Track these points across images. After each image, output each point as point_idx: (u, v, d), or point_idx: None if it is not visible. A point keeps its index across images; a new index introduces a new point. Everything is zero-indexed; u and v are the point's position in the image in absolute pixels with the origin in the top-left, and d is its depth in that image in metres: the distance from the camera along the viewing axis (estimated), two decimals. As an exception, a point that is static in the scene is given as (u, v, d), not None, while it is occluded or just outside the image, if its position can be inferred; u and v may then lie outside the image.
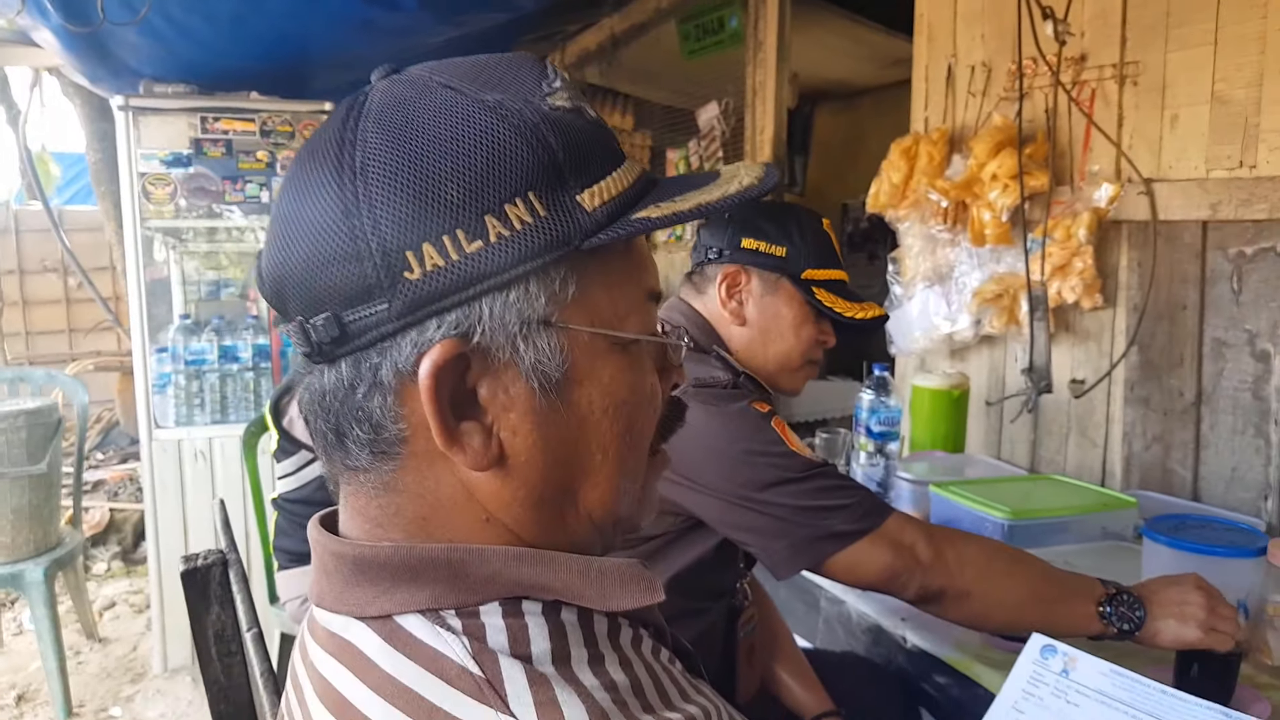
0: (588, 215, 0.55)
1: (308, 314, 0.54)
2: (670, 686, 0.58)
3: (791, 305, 1.46)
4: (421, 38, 3.23)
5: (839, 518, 1.26)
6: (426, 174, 0.52)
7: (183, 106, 3.24)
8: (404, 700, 0.51)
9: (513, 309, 0.54)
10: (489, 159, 0.53)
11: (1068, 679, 0.97)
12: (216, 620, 1.12)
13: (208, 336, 3.30)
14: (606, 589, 0.58)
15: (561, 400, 0.56)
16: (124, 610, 4.04)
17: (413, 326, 0.53)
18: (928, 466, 2.13)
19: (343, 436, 0.57)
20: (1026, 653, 1.01)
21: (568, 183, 0.55)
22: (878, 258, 4.73)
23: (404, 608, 0.55)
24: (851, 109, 5.21)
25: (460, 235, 0.52)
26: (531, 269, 0.54)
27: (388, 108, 0.55)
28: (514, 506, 0.57)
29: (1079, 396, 2.19)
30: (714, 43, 3.63)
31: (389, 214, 0.52)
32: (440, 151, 0.53)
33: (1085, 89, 2.12)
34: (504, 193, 0.53)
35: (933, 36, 2.57)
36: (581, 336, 0.57)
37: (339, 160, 0.53)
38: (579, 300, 0.56)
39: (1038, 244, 2.14)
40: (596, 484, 0.60)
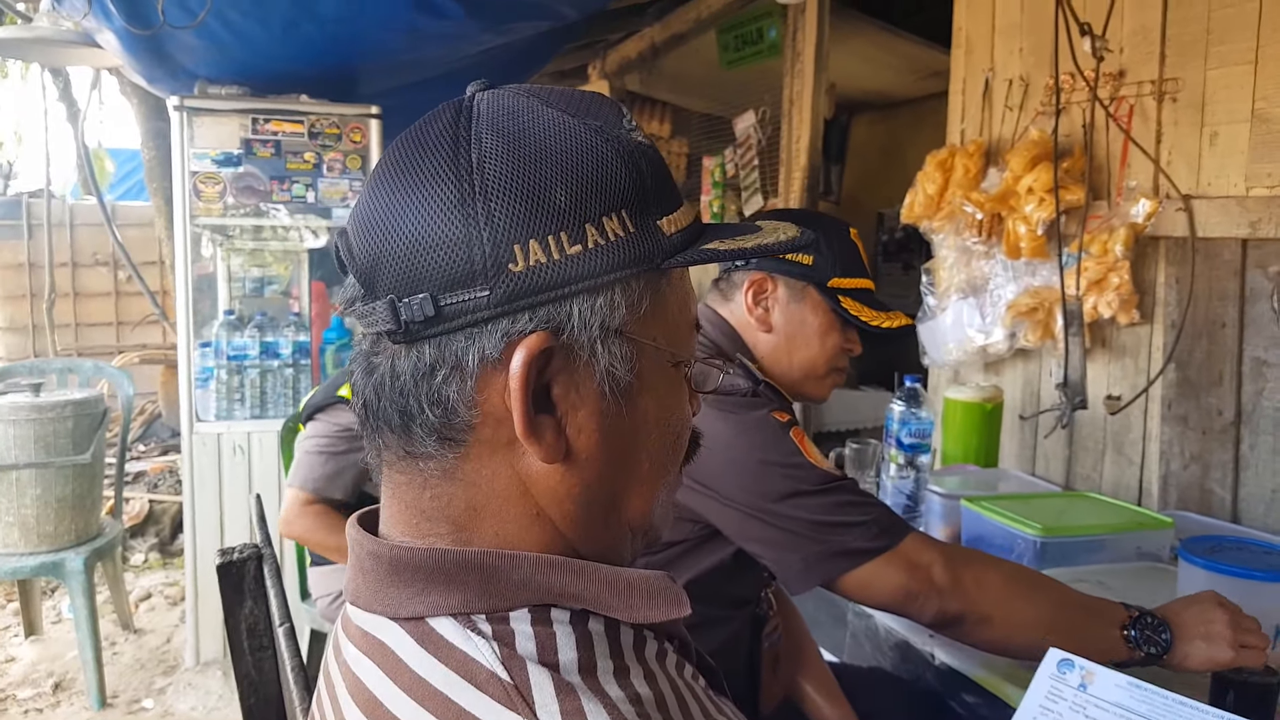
0: (667, 239, 0.60)
1: (402, 293, 0.56)
2: (693, 703, 0.59)
3: (817, 313, 1.46)
4: (466, 45, 3.28)
5: (854, 534, 1.25)
6: (539, 177, 0.56)
7: (235, 108, 3.32)
8: (433, 702, 0.53)
9: (598, 314, 0.57)
10: (594, 173, 0.57)
11: (1086, 693, 0.96)
12: (250, 614, 1.14)
13: (250, 333, 3.37)
14: (633, 601, 0.60)
15: (626, 406, 0.60)
16: (159, 602, 4.12)
17: (506, 316, 0.56)
18: (959, 480, 2.12)
19: (409, 421, 0.59)
20: (1044, 667, 1.00)
21: (651, 208, 0.60)
22: (912, 268, 4.70)
23: (436, 610, 0.56)
24: (888, 120, 5.19)
25: (563, 237, 0.56)
26: (618, 278, 0.58)
27: (499, 115, 0.59)
28: (566, 503, 0.60)
29: (1115, 413, 2.17)
30: (753, 53, 3.65)
31: (503, 207, 0.55)
32: (552, 160, 0.57)
33: (1123, 104, 2.11)
34: (604, 206, 0.57)
35: (971, 49, 2.57)
36: (648, 350, 0.61)
37: (454, 155, 0.57)
38: (649, 316, 0.60)
39: (1073, 258, 2.12)
40: (641, 492, 0.64)
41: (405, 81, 3.62)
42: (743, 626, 1.48)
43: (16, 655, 3.58)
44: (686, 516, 1.34)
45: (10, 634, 3.78)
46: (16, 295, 7.08)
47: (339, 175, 3.44)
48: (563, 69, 4.78)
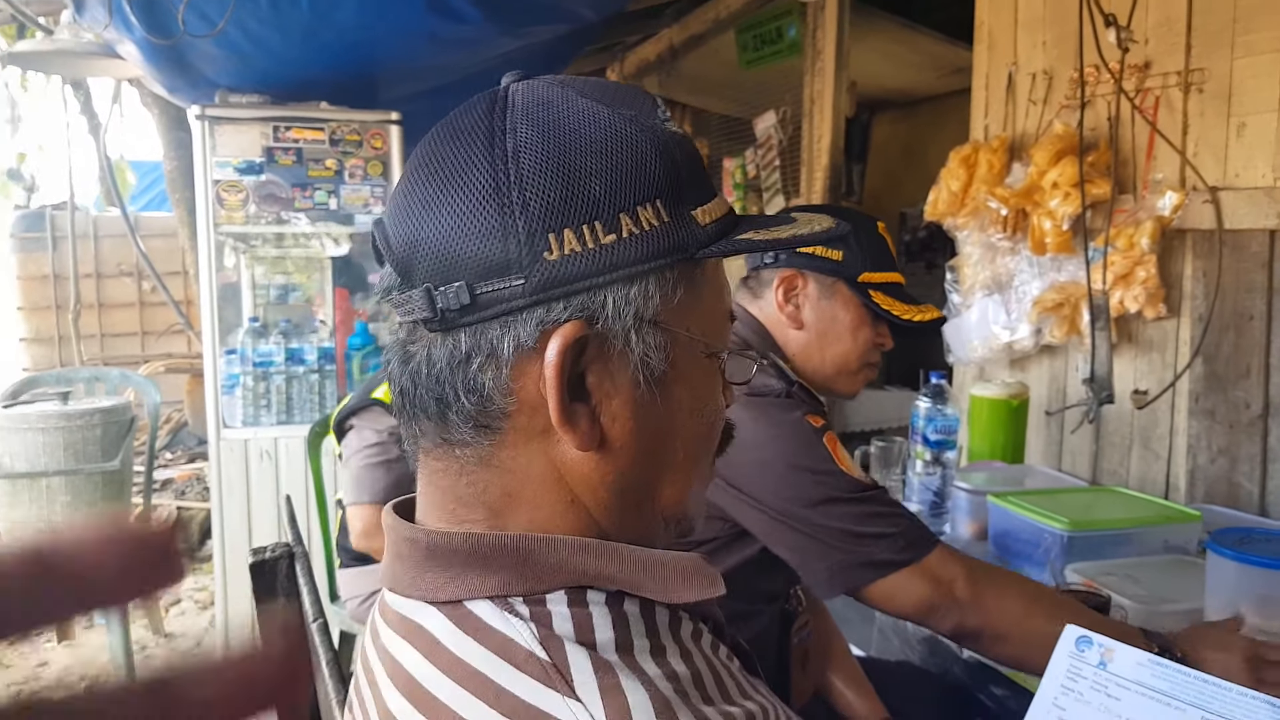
0: (701, 229, 0.60)
1: (438, 282, 0.57)
2: (729, 681, 0.59)
3: (848, 308, 1.46)
4: (485, 49, 3.29)
5: (881, 546, 1.25)
6: (574, 167, 0.57)
7: (256, 116, 3.35)
8: (473, 683, 0.53)
9: (632, 303, 0.58)
10: (629, 164, 0.58)
11: (1106, 671, 0.95)
12: (282, 612, 1.16)
13: (275, 339, 3.39)
14: (669, 581, 0.60)
15: (659, 395, 0.60)
16: (189, 606, 4.15)
17: (541, 305, 0.56)
18: (986, 477, 2.11)
19: (446, 408, 0.59)
20: (1062, 645, 0.99)
21: (685, 198, 0.60)
22: (936, 266, 4.68)
23: (474, 593, 0.57)
24: (910, 117, 5.17)
25: (598, 226, 0.56)
26: (653, 268, 0.58)
27: (534, 106, 0.59)
28: (600, 490, 0.60)
29: (1142, 408, 2.15)
30: (772, 52, 3.65)
31: (538, 196, 0.56)
32: (588, 150, 0.57)
33: (1149, 96, 2.10)
34: (639, 195, 0.57)
35: (993, 44, 2.56)
36: (682, 339, 0.61)
37: (489, 145, 0.57)
38: (683, 306, 0.60)
39: (1099, 253, 2.11)
40: (674, 480, 0.64)
41: (425, 87, 3.65)
42: (771, 622, 1.48)
43: (49, 660, 3.63)
44: (716, 515, 1.34)
45: (43, 639, 3.82)
46: (42, 306, 7.16)
47: (360, 182, 3.46)
48: (581, 72, 4.79)
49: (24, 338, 7.31)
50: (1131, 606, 1.44)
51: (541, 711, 0.51)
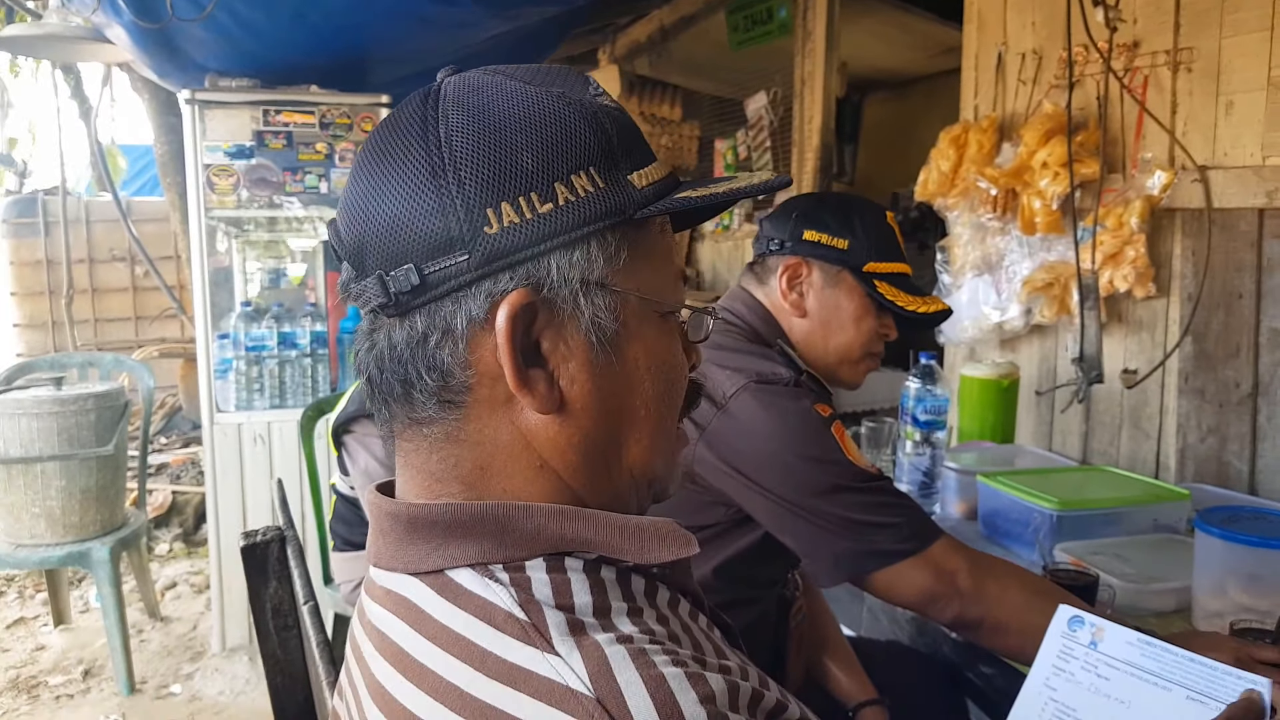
0: (638, 191, 0.62)
1: (388, 267, 0.60)
2: (706, 644, 0.60)
3: (853, 298, 1.46)
4: (475, 32, 3.27)
5: (886, 535, 1.26)
6: (505, 144, 0.59)
7: (246, 100, 3.33)
8: (457, 647, 0.55)
9: (576, 267, 0.60)
10: (558, 135, 0.60)
11: (1096, 651, 0.96)
12: (274, 595, 1.16)
13: (267, 324, 3.39)
14: (644, 543, 0.62)
15: (614, 355, 0.62)
16: (185, 590, 4.16)
17: (488, 277, 0.59)
18: (975, 457, 2.12)
19: (410, 388, 0.61)
20: (1055, 625, 1.00)
21: (620, 164, 0.62)
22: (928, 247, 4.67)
23: (455, 562, 0.59)
24: (901, 98, 5.16)
25: (534, 197, 0.59)
26: (593, 231, 0.60)
27: (464, 93, 0.62)
28: (567, 453, 0.62)
29: (1131, 387, 2.16)
30: (762, 33, 3.64)
31: (472, 175, 0.58)
32: (516, 126, 0.60)
33: (1137, 76, 2.10)
34: (570, 165, 0.60)
35: (983, 24, 2.55)
36: (631, 300, 0.63)
37: (423, 133, 0.60)
38: (628, 268, 0.63)
39: (1089, 232, 2.12)
40: (640, 438, 0.65)
41: (414, 70, 3.63)
42: (770, 607, 1.49)
43: (46, 643, 3.64)
44: (720, 500, 1.35)
45: (40, 623, 3.83)
46: (35, 292, 7.13)
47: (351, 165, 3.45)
48: (571, 54, 4.77)
49: (17, 323, 7.29)
50: (1120, 585, 1.45)
51: (523, 669, 0.52)
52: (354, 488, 2.33)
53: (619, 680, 0.51)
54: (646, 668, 0.52)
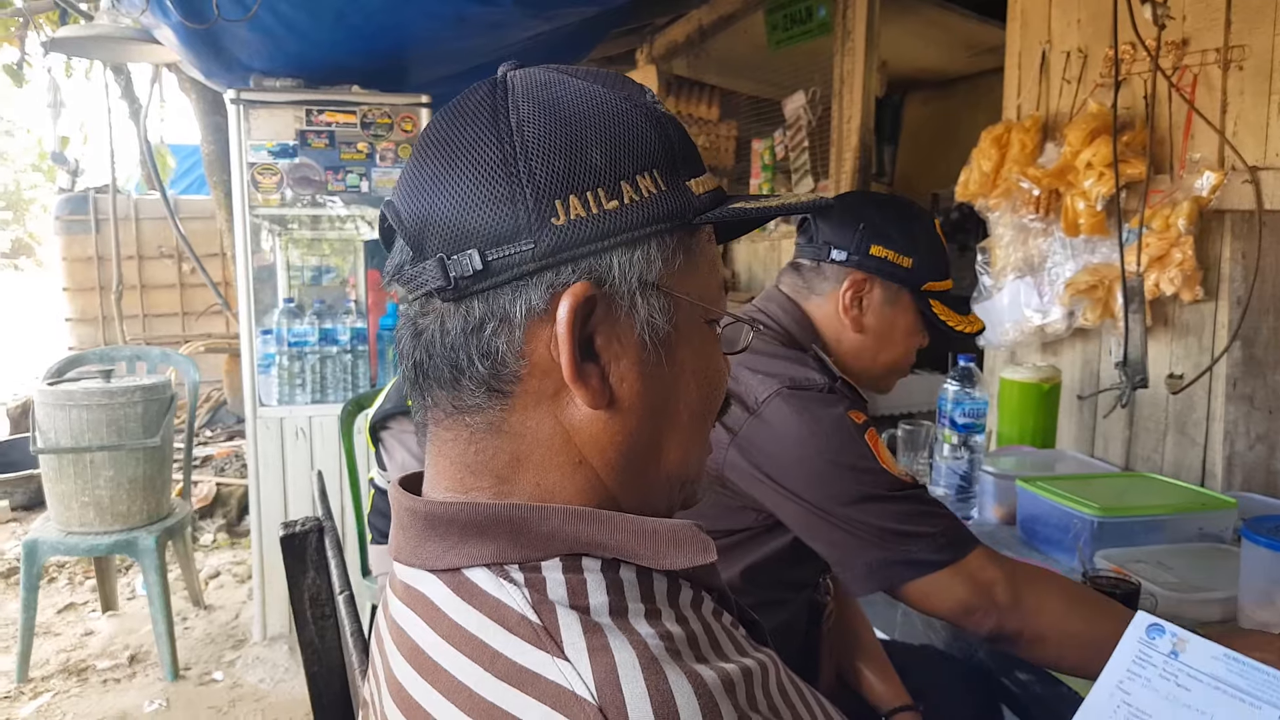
0: (696, 197, 0.64)
1: (450, 251, 0.60)
2: (726, 642, 0.60)
3: (907, 315, 1.45)
4: (513, 32, 3.29)
5: (920, 545, 1.23)
6: (576, 138, 0.60)
7: (289, 99, 3.38)
8: (469, 646, 0.55)
9: (636, 266, 0.61)
10: (626, 136, 0.61)
11: (1177, 661, 0.93)
12: (312, 584, 1.18)
13: (309, 320, 3.44)
14: (660, 548, 0.61)
15: (665, 357, 0.63)
16: (227, 580, 4.24)
17: (550, 269, 0.59)
18: (1015, 461, 2.10)
19: (459, 375, 0.61)
20: (1131, 631, 0.97)
21: (680, 170, 0.63)
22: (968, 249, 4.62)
23: (471, 561, 0.59)
24: (942, 98, 5.10)
25: (600, 193, 0.60)
26: (654, 232, 0.61)
27: (533, 87, 0.63)
28: (608, 450, 0.62)
29: (1177, 392, 2.12)
30: (802, 32, 3.62)
31: (544, 165, 0.59)
32: (587, 122, 0.61)
33: (1186, 74, 2.06)
34: (636, 165, 0.61)
35: (1026, 22, 2.52)
36: (684, 304, 0.64)
37: (494, 122, 0.61)
38: (683, 272, 0.64)
39: (1134, 234, 2.08)
40: (679, 442, 0.66)
41: (453, 71, 3.66)
42: (800, 611, 1.47)
43: (95, 629, 3.72)
44: (751, 505, 1.34)
45: (89, 609, 3.92)
46: (86, 287, 7.31)
47: (392, 165, 3.49)
48: (609, 54, 4.78)
49: (69, 318, 7.47)
50: (1162, 594, 1.42)
51: (532, 672, 0.52)
52: (391, 482, 2.35)
53: (624, 689, 0.51)
54: (654, 677, 0.51)
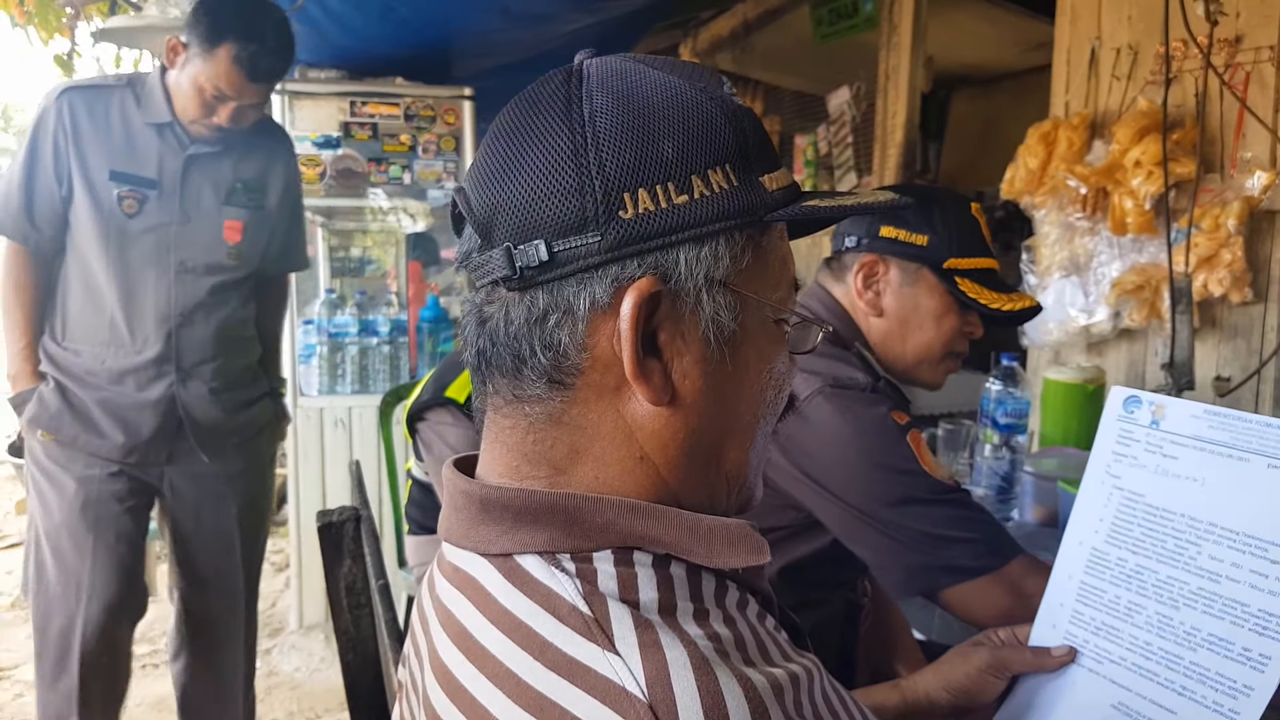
0: (768, 194, 0.62)
1: (517, 240, 0.59)
2: (772, 647, 0.59)
3: (933, 296, 1.40)
4: (557, 25, 3.30)
5: (961, 551, 1.21)
6: (647, 130, 0.59)
7: (334, 91, 3.41)
8: (519, 634, 0.55)
9: (703, 263, 0.60)
10: (699, 129, 0.60)
11: (1159, 430, 0.89)
12: (349, 573, 1.19)
13: (350, 311, 3.47)
14: (714, 546, 0.61)
15: (729, 355, 0.62)
16: (265, 568, 4.24)
17: (615, 262, 0.58)
18: (1057, 463, 2.07)
19: (521, 364, 0.61)
20: (1109, 409, 0.93)
21: (753, 165, 0.62)
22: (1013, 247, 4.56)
23: (524, 548, 0.59)
24: (989, 94, 5.03)
25: (670, 187, 0.58)
26: (723, 228, 0.60)
27: (608, 77, 0.62)
28: (670, 448, 0.62)
29: (1224, 395, 2.08)
30: (847, 27, 3.58)
31: (614, 158, 0.58)
32: (660, 114, 0.60)
33: (1239, 72, 2.01)
34: (709, 159, 0.60)
35: (1076, 18, 2.48)
36: (750, 303, 0.62)
37: (567, 111, 0.60)
38: (751, 271, 0.62)
39: (1183, 234, 2.04)
40: (741, 444, 0.65)
41: (496, 64, 3.68)
42: (836, 611, 1.46)
43: (134, 615, 3.79)
44: (790, 504, 1.33)
45: (129, 595, 3.99)
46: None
47: (434, 157, 3.51)
48: (654, 49, 4.77)
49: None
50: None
51: (581, 664, 0.52)
52: (428, 474, 2.37)
53: (675, 688, 0.50)
54: (705, 678, 0.51)
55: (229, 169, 2.18)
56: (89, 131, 2.07)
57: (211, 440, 2.24)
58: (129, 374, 2.14)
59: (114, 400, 2.14)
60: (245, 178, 2.22)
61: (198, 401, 2.20)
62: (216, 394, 2.23)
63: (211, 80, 2.00)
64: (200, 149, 2.12)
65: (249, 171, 2.23)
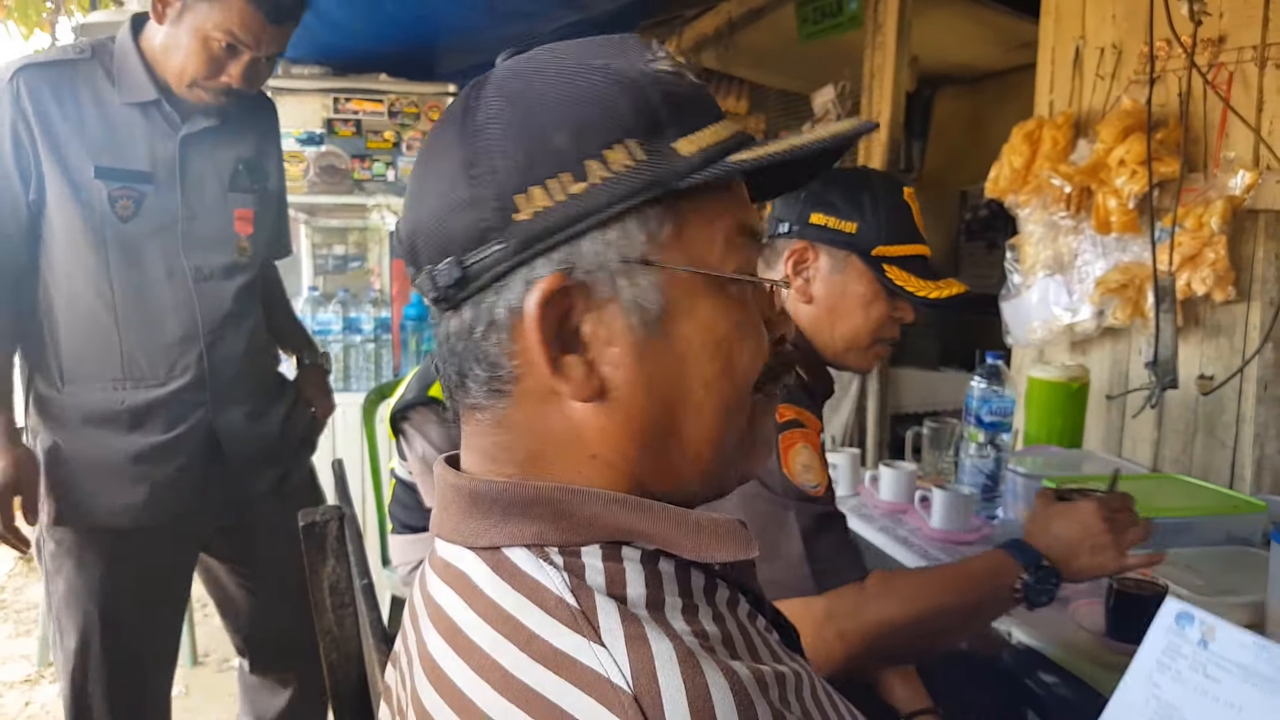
0: (684, 159, 0.59)
1: (435, 261, 0.60)
2: (761, 647, 0.59)
3: (861, 282, 1.40)
4: (543, 22, 3.29)
5: (777, 567, 1.19)
6: (537, 126, 0.58)
7: (317, 87, 3.39)
8: (506, 626, 0.55)
9: (613, 247, 0.58)
10: (592, 110, 0.58)
11: (1207, 650, 0.91)
12: (332, 573, 1.18)
13: (334, 308, 3.45)
14: (702, 540, 0.60)
15: (661, 336, 0.60)
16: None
17: (524, 265, 0.58)
18: (1041, 461, 2.08)
19: (464, 377, 0.62)
20: (1160, 619, 0.96)
21: (665, 131, 0.59)
22: (997, 246, 4.58)
23: (512, 541, 0.58)
24: (973, 93, 5.05)
25: (565, 178, 0.57)
26: (629, 208, 0.58)
27: (507, 78, 0.61)
28: (619, 441, 0.61)
29: (1207, 394, 2.09)
30: (832, 25, 3.59)
31: (504, 163, 0.58)
32: (549, 106, 0.59)
33: (1222, 72, 2.02)
34: (605, 139, 0.58)
35: (1060, 17, 2.49)
36: (680, 275, 0.60)
37: (462, 124, 0.60)
38: (676, 240, 0.60)
39: (1166, 233, 2.05)
40: (700, 419, 0.62)
41: (482, 60, 3.66)
42: None
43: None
44: None
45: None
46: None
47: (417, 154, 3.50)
48: (639, 46, 4.76)
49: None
50: (1190, 598, 1.40)
51: (568, 655, 0.52)
52: (412, 473, 2.36)
53: (660, 681, 0.50)
54: (691, 672, 0.50)
55: (228, 148, 1.83)
56: (59, 119, 1.66)
57: (254, 470, 1.92)
58: (156, 411, 1.76)
59: (134, 449, 1.75)
60: (246, 157, 1.86)
61: (236, 429, 1.86)
62: (253, 417, 1.91)
63: (222, 28, 1.63)
64: (194, 126, 1.75)
65: (248, 149, 1.87)
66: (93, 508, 1.74)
